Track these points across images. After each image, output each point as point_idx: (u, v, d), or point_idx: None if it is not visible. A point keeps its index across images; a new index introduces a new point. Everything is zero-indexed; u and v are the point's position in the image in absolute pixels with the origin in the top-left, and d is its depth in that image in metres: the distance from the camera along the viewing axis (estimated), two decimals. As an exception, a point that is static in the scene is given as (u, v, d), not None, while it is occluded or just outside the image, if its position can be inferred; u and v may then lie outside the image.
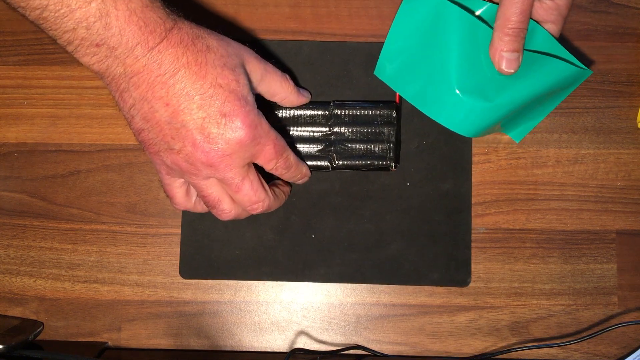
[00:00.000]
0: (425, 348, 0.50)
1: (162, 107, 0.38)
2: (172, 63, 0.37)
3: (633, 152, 0.51)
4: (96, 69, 0.38)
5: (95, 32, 0.35)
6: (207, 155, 0.39)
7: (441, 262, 0.50)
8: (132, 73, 0.37)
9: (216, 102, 0.38)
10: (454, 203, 0.50)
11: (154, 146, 0.40)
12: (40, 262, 0.51)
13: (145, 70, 0.37)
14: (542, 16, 0.45)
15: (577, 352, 0.50)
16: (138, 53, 0.36)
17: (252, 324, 0.51)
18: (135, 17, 0.36)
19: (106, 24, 0.35)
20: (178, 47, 0.37)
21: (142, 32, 0.36)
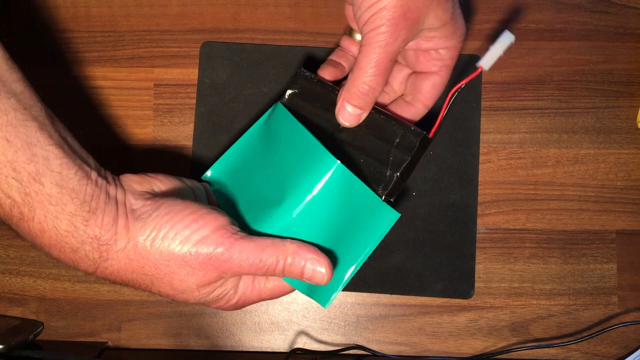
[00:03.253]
0: (425, 348, 0.50)
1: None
2: (120, 282, 0.37)
3: (633, 152, 0.51)
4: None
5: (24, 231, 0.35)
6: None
7: (445, 273, 0.50)
8: (102, 275, 0.37)
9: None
10: (459, 214, 0.50)
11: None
12: (40, 262, 0.51)
13: (108, 279, 0.37)
14: (425, 66, 0.42)
15: (577, 352, 0.50)
16: (87, 267, 0.36)
17: (252, 324, 0.51)
18: (44, 250, 0.35)
19: (29, 229, 0.35)
20: (114, 282, 0.37)
21: (62, 263, 0.36)
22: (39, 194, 0.33)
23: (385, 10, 0.37)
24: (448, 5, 0.39)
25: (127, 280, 0.37)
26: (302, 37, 0.52)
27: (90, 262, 0.35)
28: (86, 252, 0.35)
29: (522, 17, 0.52)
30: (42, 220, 0.34)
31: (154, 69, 0.52)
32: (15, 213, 0.34)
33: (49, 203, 0.34)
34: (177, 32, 0.52)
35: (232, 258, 0.36)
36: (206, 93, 0.51)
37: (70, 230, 0.34)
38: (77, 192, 0.34)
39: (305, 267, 0.37)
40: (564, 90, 0.51)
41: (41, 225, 0.34)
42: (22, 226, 0.34)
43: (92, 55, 0.52)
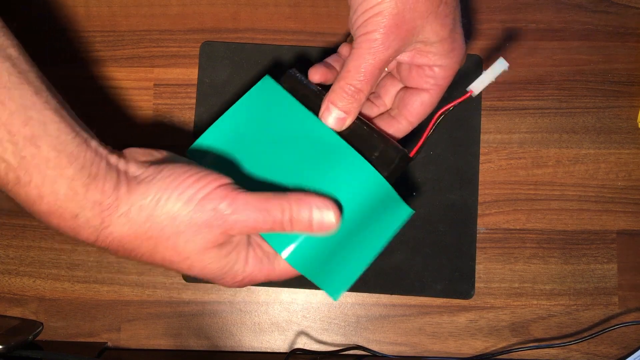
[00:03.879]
0: (426, 348, 0.50)
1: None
2: (122, 253, 0.36)
3: (634, 152, 0.51)
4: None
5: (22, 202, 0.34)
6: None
7: (445, 274, 0.50)
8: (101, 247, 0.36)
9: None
10: (459, 214, 0.50)
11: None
12: (39, 262, 0.51)
13: (109, 248, 0.36)
14: (416, 82, 0.41)
15: (577, 352, 0.50)
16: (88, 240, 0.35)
17: (252, 325, 0.50)
18: (42, 218, 0.34)
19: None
20: (116, 254, 0.35)
21: (59, 231, 0.34)
22: (35, 157, 0.32)
23: (381, 16, 0.36)
24: (447, 21, 0.38)
25: (130, 249, 0.35)
26: (302, 37, 0.52)
27: (91, 230, 0.34)
28: (87, 218, 0.34)
29: (522, 17, 0.52)
30: (39, 185, 0.33)
31: (153, 68, 0.52)
32: (11, 177, 0.32)
33: (46, 167, 0.33)
34: (177, 32, 0.52)
35: (237, 212, 0.34)
36: (206, 93, 0.51)
37: (70, 195, 0.33)
38: (76, 157, 0.33)
39: (313, 214, 0.35)
40: (564, 90, 0.51)
41: (39, 190, 0.33)
42: (18, 192, 0.33)
43: (91, 55, 0.52)
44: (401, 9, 0.36)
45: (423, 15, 0.37)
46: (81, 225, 0.34)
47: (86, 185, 0.33)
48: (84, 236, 0.34)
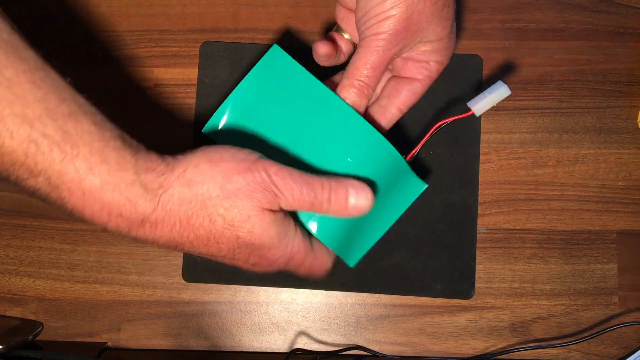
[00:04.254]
0: (426, 348, 0.50)
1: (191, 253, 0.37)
2: (170, 242, 0.34)
3: (634, 152, 0.51)
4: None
5: (55, 202, 0.33)
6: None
7: (445, 274, 0.50)
8: (130, 239, 0.35)
9: (240, 258, 0.36)
10: (460, 214, 0.50)
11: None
12: (39, 263, 0.51)
13: (141, 241, 0.35)
14: (410, 73, 0.42)
15: (577, 352, 0.50)
16: (113, 230, 0.33)
17: (252, 325, 0.50)
18: (92, 198, 0.32)
19: (60, 198, 0.32)
20: (171, 231, 0.34)
21: (108, 215, 0.33)
22: (78, 131, 0.32)
23: (392, 19, 0.38)
24: (448, 23, 0.40)
25: (190, 214, 0.34)
26: (302, 37, 0.52)
27: (150, 197, 0.33)
28: (144, 184, 0.33)
29: (522, 17, 0.52)
30: (88, 157, 0.32)
31: (153, 68, 0.52)
32: (57, 154, 0.31)
33: (91, 139, 0.32)
34: (177, 32, 0.52)
35: (284, 181, 0.35)
36: (206, 93, 0.51)
37: (122, 163, 0.32)
38: (116, 132, 0.33)
39: (350, 196, 0.37)
40: (565, 90, 0.51)
41: (88, 162, 0.32)
42: (66, 169, 0.31)
43: (91, 55, 0.52)
44: (410, 14, 0.38)
45: (429, 18, 0.39)
46: (138, 193, 0.33)
47: (134, 155, 0.33)
48: (142, 206, 0.33)
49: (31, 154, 0.31)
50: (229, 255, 0.36)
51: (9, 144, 0.30)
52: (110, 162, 0.32)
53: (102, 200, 0.32)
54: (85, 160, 0.32)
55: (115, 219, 0.33)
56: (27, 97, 0.31)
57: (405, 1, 0.38)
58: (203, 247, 0.35)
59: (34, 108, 0.31)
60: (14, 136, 0.30)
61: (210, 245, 0.35)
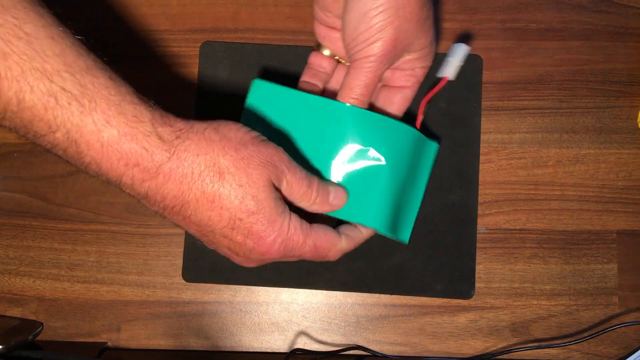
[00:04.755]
0: (426, 348, 0.50)
1: (190, 228, 0.37)
2: (177, 198, 0.35)
3: (634, 152, 0.51)
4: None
5: (73, 157, 0.34)
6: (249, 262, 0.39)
7: (445, 274, 0.50)
8: (139, 196, 0.35)
9: (238, 236, 0.37)
10: (460, 214, 0.50)
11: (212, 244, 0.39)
12: (39, 263, 0.51)
13: (149, 198, 0.35)
14: (399, 82, 0.45)
15: (577, 352, 0.50)
16: (127, 183, 0.34)
17: (252, 325, 0.50)
18: (110, 149, 0.33)
19: (78, 152, 0.33)
20: (181, 184, 0.34)
21: (125, 166, 0.33)
22: (95, 85, 0.32)
23: (380, 42, 0.40)
24: (430, 33, 0.42)
25: (202, 169, 0.35)
26: (302, 36, 0.52)
27: (167, 147, 0.34)
28: (160, 134, 0.34)
29: (522, 17, 0.52)
30: (105, 110, 0.32)
31: (153, 68, 0.52)
32: (75, 107, 0.32)
33: (108, 93, 0.33)
34: (177, 32, 0.52)
35: (291, 163, 0.38)
36: (206, 93, 0.51)
37: (139, 116, 0.33)
38: (131, 89, 0.34)
39: (331, 192, 0.41)
40: (565, 90, 0.51)
41: (106, 115, 0.32)
42: (84, 121, 0.32)
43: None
44: (397, 35, 0.40)
45: (413, 34, 0.41)
46: (155, 143, 0.34)
47: (151, 110, 0.34)
48: (158, 155, 0.34)
49: (50, 107, 0.32)
50: (227, 228, 0.36)
51: (29, 98, 0.31)
52: (127, 114, 0.33)
53: (120, 151, 0.33)
54: (103, 113, 0.32)
55: (131, 170, 0.34)
56: (46, 52, 0.31)
57: (392, 24, 0.39)
58: (206, 210, 0.35)
59: (52, 63, 0.32)
60: (34, 90, 0.31)
61: (214, 208, 0.35)
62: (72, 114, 0.32)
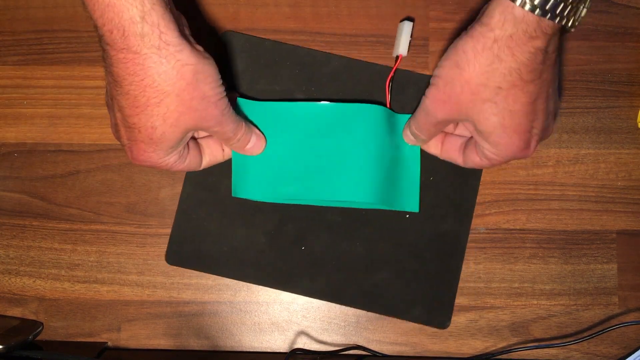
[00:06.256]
0: (425, 348, 0.50)
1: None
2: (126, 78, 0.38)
3: (633, 152, 0.51)
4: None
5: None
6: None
7: (424, 300, 0.49)
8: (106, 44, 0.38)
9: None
10: (448, 245, 0.49)
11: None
12: (39, 262, 0.51)
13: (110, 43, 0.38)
14: (471, 154, 0.45)
15: (577, 352, 0.50)
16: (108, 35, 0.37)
17: (252, 324, 0.50)
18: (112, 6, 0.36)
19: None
20: (125, 77, 0.38)
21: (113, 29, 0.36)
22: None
23: (433, 87, 0.42)
24: (503, 114, 0.40)
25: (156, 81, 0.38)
26: (302, 37, 0.52)
27: (144, 49, 0.37)
28: (145, 32, 0.36)
29: (522, 17, 0.52)
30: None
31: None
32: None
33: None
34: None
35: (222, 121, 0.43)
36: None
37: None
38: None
39: (252, 138, 0.46)
40: (565, 90, 0.51)
41: None
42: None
43: (92, 55, 0.52)
44: (449, 88, 0.40)
45: (470, 98, 0.40)
46: (139, 37, 0.36)
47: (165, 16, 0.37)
48: (134, 46, 0.37)
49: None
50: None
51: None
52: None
53: (119, 16, 0.36)
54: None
55: (115, 31, 0.36)
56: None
57: (443, 77, 0.40)
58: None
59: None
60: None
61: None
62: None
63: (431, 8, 0.52)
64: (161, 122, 0.39)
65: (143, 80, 0.38)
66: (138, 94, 0.38)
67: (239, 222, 0.50)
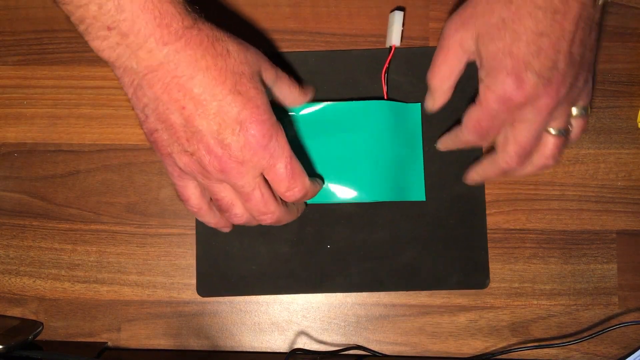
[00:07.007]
0: (426, 348, 0.50)
1: (177, 110, 0.37)
2: (191, 65, 0.36)
3: (633, 152, 0.51)
4: (107, 56, 0.37)
5: (107, 12, 0.35)
6: (220, 161, 0.38)
7: (458, 266, 0.50)
8: (146, 69, 0.36)
9: (234, 109, 0.37)
10: (467, 206, 0.50)
11: (166, 147, 0.39)
12: (39, 262, 0.51)
13: (161, 69, 0.36)
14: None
15: (577, 352, 0.50)
16: (152, 46, 0.36)
17: (252, 324, 0.50)
18: (150, 5, 0.35)
19: (118, 5, 0.34)
20: (197, 49, 0.37)
21: (157, 23, 0.35)
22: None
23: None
24: (503, 35, 0.39)
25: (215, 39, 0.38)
26: (302, 37, 0.52)
27: (193, 16, 0.37)
28: (181, 14, 0.37)
29: (522, 17, 0.52)
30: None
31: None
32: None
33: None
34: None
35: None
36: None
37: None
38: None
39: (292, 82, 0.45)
40: (564, 90, 0.51)
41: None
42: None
43: (92, 55, 0.52)
44: (470, 8, 0.42)
45: (483, 11, 0.41)
46: (184, 11, 0.37)
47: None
48: (187, 21, 0.37)
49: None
50: (230, 93, 0.38)
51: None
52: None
53: (158, 9, 0.36)
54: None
55: (161, 31, 0.36)
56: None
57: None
58: (212, 77, 0.37)
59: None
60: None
61: (220, 74, 0.37)
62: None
63: (431, 8, 0.52)
64: (250, 64, 0.39)
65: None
66: (213, 67, 0.38)
67: (259, 239, 0.50)
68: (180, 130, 0.38)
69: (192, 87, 0.37)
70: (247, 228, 0.49)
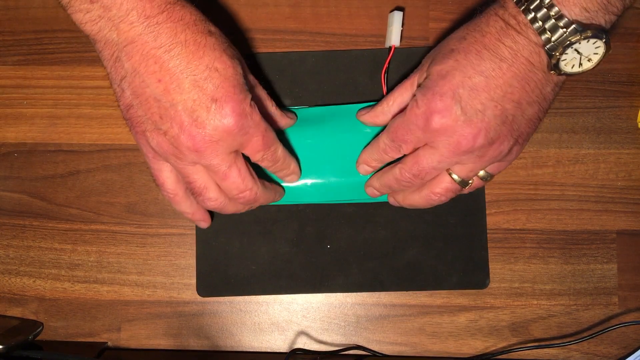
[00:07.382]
0: (426, 348, 0.50)
1: (153, 83, 0.37)
2: (170, 37, 0.36)
3: (633, 152, 0.51)
4: (88, 30, 0.37)
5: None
6: (193, 140, 0.37)
7: (458, 266, 0.50)
8: (125, 41, 0.36)
9: (209, 86, 0.37)
10: (467, 205, 0.50)
11: (140, 125, 0.38)
12: (39, 262, 0.51)
13: (140, 40, 0.36)
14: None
15: (577, 352, 0.50)
16: (133, 19, 0.36)
17: (252, 324, 0.50)
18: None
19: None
20: (178, 23, 0.37)
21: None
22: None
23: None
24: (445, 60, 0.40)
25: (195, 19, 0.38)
26: (302, 37, 0.52)
27: (161, 1, 0.37)
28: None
29: (522, 17, 0.52)
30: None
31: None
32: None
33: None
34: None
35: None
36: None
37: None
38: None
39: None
40: (565, 90, 0.51)
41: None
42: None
43: (92, 55, 0.52)
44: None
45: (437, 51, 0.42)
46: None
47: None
48: None
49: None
50: (203, 75, 0.37)
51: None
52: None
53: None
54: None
55: (145, 3, 0.36)
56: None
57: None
58: (188, 53, 0.37)
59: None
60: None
61: (197, 52, 0.37)
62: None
63: (431, 8, 0.52)
64: (228, 52, 0.39)
65: None
66: (191, 42, 0.38)
67: (259, 239, 0.50)
68: (154, 106, 0.37)
69: (169, 60, 0.36)
70: (247, 228, 0.49)
